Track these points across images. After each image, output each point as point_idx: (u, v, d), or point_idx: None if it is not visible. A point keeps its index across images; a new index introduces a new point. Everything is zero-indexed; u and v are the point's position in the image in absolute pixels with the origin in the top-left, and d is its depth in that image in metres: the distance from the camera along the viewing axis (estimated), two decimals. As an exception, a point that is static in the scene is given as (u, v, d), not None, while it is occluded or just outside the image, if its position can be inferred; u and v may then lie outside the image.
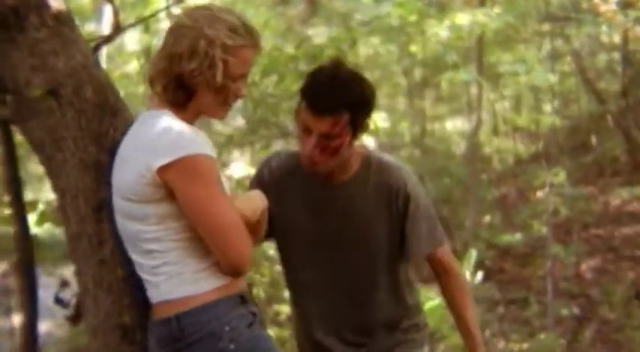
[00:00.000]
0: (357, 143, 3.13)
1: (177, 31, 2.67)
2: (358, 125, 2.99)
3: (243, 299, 2.72)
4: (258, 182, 3.22)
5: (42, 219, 5.66)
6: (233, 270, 2.63)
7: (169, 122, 2.61)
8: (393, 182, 3.14)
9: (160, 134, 2.58)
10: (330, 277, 3.18)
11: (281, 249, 3.28)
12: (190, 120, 2.71)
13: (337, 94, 2.92)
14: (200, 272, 2.66)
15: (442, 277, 3.29)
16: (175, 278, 2.65)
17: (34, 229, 5.87)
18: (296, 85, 6.18)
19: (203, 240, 2.62)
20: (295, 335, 3.43)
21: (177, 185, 2.56)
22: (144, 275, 2.72)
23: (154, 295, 2.71)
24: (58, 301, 3.37)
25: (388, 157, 3.27)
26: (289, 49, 6.59)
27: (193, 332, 2.62)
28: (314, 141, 2.94)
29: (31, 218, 5.61)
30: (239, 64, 2.68)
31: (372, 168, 3.16)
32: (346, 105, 2.92)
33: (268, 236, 3.22)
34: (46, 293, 3.59)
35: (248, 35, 2.69)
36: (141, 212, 2.63)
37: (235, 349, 2.61)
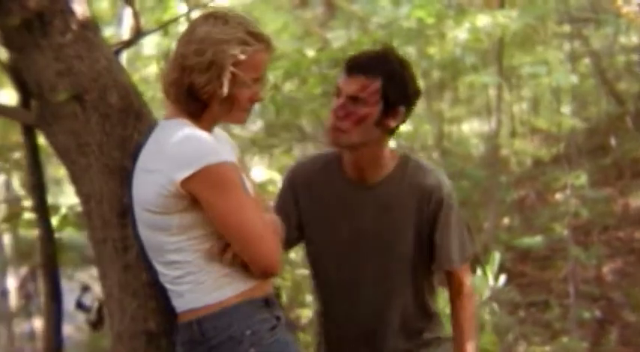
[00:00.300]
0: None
1: (187, 42, 2.66)
2: (390, 102, 2.94)
3: (268, 302, 2.72)
4: (290, 182, 3.22)
5: (63, 223, 5.67)
6: (264, 274, 2.65)
7: (188, 132, 2.62)
8: (427, 184, 3.10)
9: (180, 145, 2.58)
10: (359, 278, 3.15)
11: (311, 250, 3.25)
12: (208, 128, 2.71)
13: (376, 59, 2.93)
14: (223, 278, 2.66)
15: (457, 297, 3.24)
16: (199, 287, 2.66)
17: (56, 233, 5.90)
18: (318, 88, 6.17)
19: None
20: (317, 335, 3.40)
21: (202, 195, 2.57)
22: (167, 285, 2.74)
23: (179, 304, 2.72)
24: (80, 306, 3.37)
25: (426, 162, 3.26)
26: (310, 53, 6.59)
27: (214, 336, 2.63)
28: (341, 101, 2.93)
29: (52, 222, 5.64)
30: (251, 69, 2.67)
31: (408, 169, 3.13)
32: (380, 71, 2.90)
33: (299, 238, 3.22)
34: (65, 297, 3.60)
35: (258, 40, 2.67)
36: (163, 223, 2.63)
37: None
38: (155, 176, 2.60)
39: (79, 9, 2.99)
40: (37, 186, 3.30)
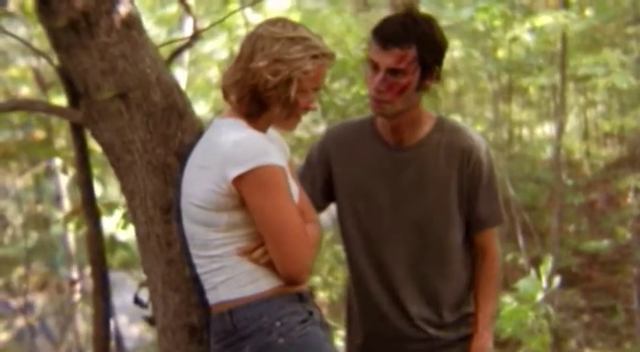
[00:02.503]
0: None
1: (255, 45, 2.72)
2: (427, 66, 2.97)
3: (302, 297, 2.76)
4: (322, 146, 3.27)
5: (125, 221, 5.75)
6: (290, 279, 2.70)
7: (243, 132, 2.69)
8: (465, 144, 3.13)
9: (235, 144, 2.64)
10: (401, 242, 3.16)
11: (345, 215, 3.24)
12: (262, 129, 2.78)
13: (405, 28, 2.93)
14: (257, 272, 2.71)
15: (480, 257, 3.25)
16: (233, 279, 2.73)
17: (117, 232, 5.98)
18: (365, 89, 6.18)
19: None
20: (348, 310, 3.40)
21: (248, 194, 2.63)
22: (202, 277, 2.79)
23: (213, 296, 2.78)
24: (137, 301, 3.43)
25: (463, 123, 3.26)
26: (360, 53, 6.61)
27: (245, 327, 2.68)
28: (381, 76, 2.95)
29: (113, 220, 5.72)
30: (314, 80, 2.75)
31: (445, 130, 3.15)
32: (414, 39, 2.92)
33: (330, 199, 3.26)
34: (132, 296, 3.64)
35: (323, 51, 2.74)
36: (212, 219, 2.70)
37: (284, 343, 2.65)
38: (209, 173, 2.67)
39: (124, 9, 3.04)
40: (86, 184, 3.36)
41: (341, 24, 10.17)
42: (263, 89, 2.70)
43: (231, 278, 2.72)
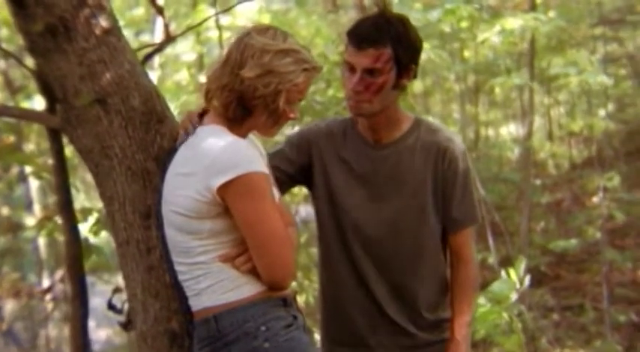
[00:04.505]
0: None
1: (244, 53, 2.71)
2: (402, 65, 3.00)
3: (286, 302, 2.76)
4: (300, 135, 3.29)
5: (97, 227, 5.71)
6: (275, 285, 2.71)
7: (226, 139, 2.68)
8: (442, 144, 3.16)
9: (218, 152, 2.63)
10: (375, 240, 3.18)
11: (323, 211, 3.27)
12: (244, 135, 2.79)
13: (379, 28, 2.96)
14: (241, 278, 2.71)
15: (455, 261, 3.27)
16: (218, 285, 2.72)
17: (91, 237, 5.94)
18: (342, 92, 6.19)
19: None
20: (322, 306, 3.40)
21: (233, 202, 2.62)
22: (185, 284, 2.79)
23: (196, 303, 2.78)
24: (111, 307, 3.41)
25: (441, 124, 3.29)
26: (335, 56, 6.61)
27: (231, 332, 2.68)
28: (357, 77, 2.99)
29: (87, 226, 5.68)
30: (301, 91, 2.77)
31: (422, 129, 3.19)
32: (388, 38, 2.95)
33: (290, 187, 3.31)
34: (103, 301, 3.63)
35: (313, 64, 2.76)
36: (195, 227, 2.69)
37: (270, 348, 2.66)
38: (191, 181, 2.66)
39: (103, 14, 3.02)
40: (63, 189, 3.34)
41: (310, 25, 10.18)
42: (251, 97, 2.70)
43: (214, 284, 2.72)
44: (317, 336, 3.62)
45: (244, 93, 2.69)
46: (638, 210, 11.42)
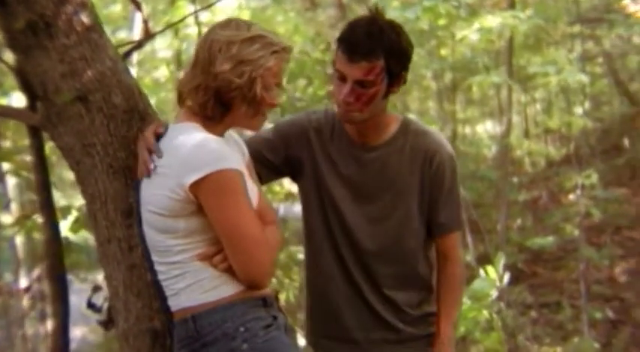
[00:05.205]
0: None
1: (211, 49, 2.69)
2: (394, 74, 2.97)
3: (265, 302, 2.74)
4: (290, 125, 3.26)
5: (77, 225, 5.68)
6: (251, 284, 2.68)
7: (199, 136, 2.65)
8: (430, 148, 3.14)
9: (191, 150, 2.61)
10: (360, 240, 3.18)
11: (311, 207, 3.26)
12: (221, 133, 2.76)
13: (372, 39, 2.90)
14: (220, 278, 2.69)
15: (442, 262, 3.27)
16: (196, 285, 2.70)
17: (69, 235, 5.90)
18: (324, 89, 6.19)
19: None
20: (309, 300, 3.39)
21: (205, 200, 2.60)
22: (164, 283, 2.77)
23: (175, 303, 2.75)
24: (91, 306, 3.39)
25: (429, 126, 3.28)
26: (316, 53, 6.59)
27: (209, 333, 2.66)
28: (349, 88, 2.94)
29: (66, 224, 5.64)
30: (276, 74, 2.73)
31: (410, 132, 3.17)
32: (382, 51, 2.90)
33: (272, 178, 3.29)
34: (79, 299, 3.60)
35: (282, 45, 2.72)
36: (169, 226, 2.67)
37: (248, 349, 2.64)
38: (164, 179, 2.63)
39: (84, 11, 2.99)
40: (43, 187, 3.32)
41: (287, 22, 10.17)
42: (227, 90, 2.67)
43: (193, 284, 2.70)
44: (300, 335, 3.62)
45: (220, 88, 2.67)
46: (614, 208, 11.50)
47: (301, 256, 6.77)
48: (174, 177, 2.60)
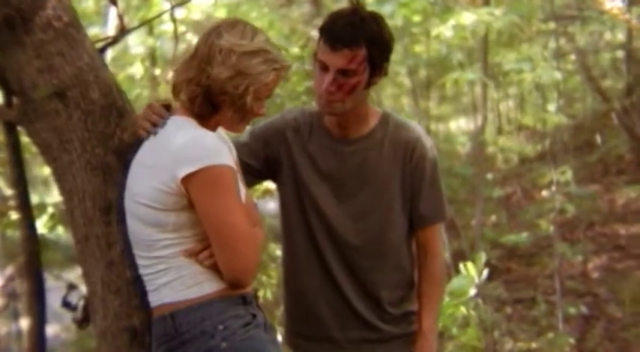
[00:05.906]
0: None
1: (212, 49, 2.68)
2: (376, 65, 2.98)
3: (245, 300, 2.73)
4: (266, 128, 3.25)
5: (52, 222, 5.64)
6: (235, 282, 2.67)
7: (194, 131, 2.66)
8: (410, 140, 3.15)
9: (185, 143, 2.61)
10: (341, 235, 3.17)
11: (289, 204, 3.25)
12: (213, 129, 2.76)
13: (355, 28, 2.91)
14: (202, 275, 2.68)
15: (422, 255, 3.27)
16: (177, 281, 2.69)
17: (44, 232, 5.86)
18: (302, 85, 6.17)
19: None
20: (287, 299, 3.39)
21: (196, 194, 2.59)
22: (145, 278, 2.76)
23: (155, 298, 2.74)
24: (66, 304, 3.36)
25: (408, 119, 3.29)
26: (294, 50, 6.59)
27: (187, 331, 2.65)
28: (331, 77, 2.95)
29: (41, 221, 5.60)
30: (270, 89, 2.74)
31: (390, 125, 3.18)
32: (363, 40, 2.91)
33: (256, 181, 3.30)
34: (52, 296, 3.58)
35: (282, 64, 2.73)
36: (159, 219, 2.66)
37: (227, 347, 2.63)
38: (157, 171, 2.63)
39: (61, 6, 2.97)
40: (20, 184, 3.28)
41: (262, 19, 10.13)
42: (217, 92, 2.67)
43: (175, 279, 2.69)
44: (279, 333, 3.61)
45: (211, 88, 2.67)
46: (588, 204, 11.56)
47: (279, 253, 6.76)
48: (167, 169, 2.60)
